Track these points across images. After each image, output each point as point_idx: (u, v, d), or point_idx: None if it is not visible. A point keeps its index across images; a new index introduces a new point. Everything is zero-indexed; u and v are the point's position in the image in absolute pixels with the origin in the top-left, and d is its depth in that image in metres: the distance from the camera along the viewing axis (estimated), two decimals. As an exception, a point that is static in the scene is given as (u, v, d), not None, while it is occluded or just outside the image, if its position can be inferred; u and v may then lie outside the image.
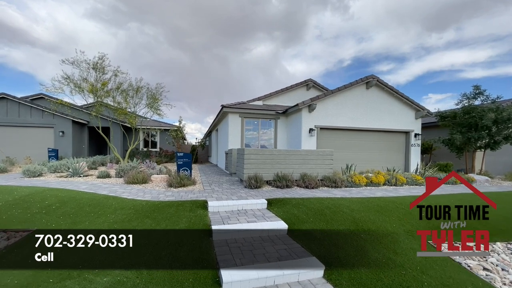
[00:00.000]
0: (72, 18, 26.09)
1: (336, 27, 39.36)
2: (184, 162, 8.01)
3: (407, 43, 46.75)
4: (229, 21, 35.38)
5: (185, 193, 6.05)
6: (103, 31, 31.87)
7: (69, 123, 15.09)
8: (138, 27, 34.26)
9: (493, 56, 41.71)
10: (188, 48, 56.01)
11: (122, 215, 4.25)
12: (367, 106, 11.12)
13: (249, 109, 11.15)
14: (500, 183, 9.94)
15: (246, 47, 52.95)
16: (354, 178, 7.68)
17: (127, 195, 5.71)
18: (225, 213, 4.73)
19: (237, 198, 5.56)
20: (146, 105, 12.73)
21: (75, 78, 10.80)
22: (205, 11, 30.30)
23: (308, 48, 56.55)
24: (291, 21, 33.07)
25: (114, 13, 25.68)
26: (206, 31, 41.83)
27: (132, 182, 7.25)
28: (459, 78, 51.70)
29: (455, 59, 46.84)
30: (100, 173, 8.44)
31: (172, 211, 4.47)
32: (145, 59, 49.80)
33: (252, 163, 7.30)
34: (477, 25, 32.25)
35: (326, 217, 4.40)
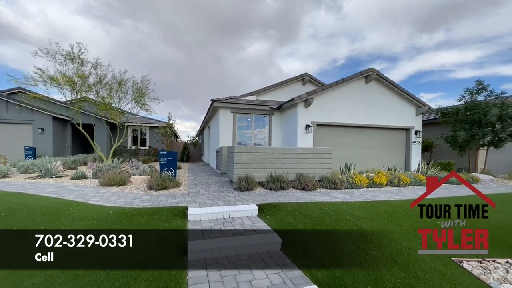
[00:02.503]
0: (63, 15, 24.89)
1: (330, 27, 39.01)
2: (168, 162, 7.23)
3: (399, 43, 47.03)
4: (224, 18, 34.52)
5: (165, 197, 5.29)
6: (96, 28, 30.65)
7: (49, 119, 14.08)
8: (132, 24, 33.10)
9: (481, 56, 42.36)
10: (183, 46, 54.80)
11: (79, 228, 3.48)
12: (366, 101, 10.48)
13: (242, 104, 10.39)
14: (505, 182, 9.44)
15: (241, 45, 52.07)
16: (355, 179, 7.03)
17: (96, 200, 4.93)
18: (208, 222, 4.00)
19: (224, 203, 4.83)
20: (132, 99, 11.87)
21: (50, 71, 9.89)
22: (200, 8, 29.38)
23: (302, 47, 56.25)
24: (285, 20, 32.51)
25: (107, 9, 24.56)
26: (201, 28, 40.80)
27: (108, 184, 6.45)
28: (449, 78, 52.44)
29: (445, 59, 47.45)
30: (75, 173, 7.59)
31: (143, 222, 3.72)
32: (139, 56, 48.47)
33: (243, 162, 6.57)
34: (465, 26, 32.64)
35: (327, 227, 3.72)
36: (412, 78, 59.48)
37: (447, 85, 56.83)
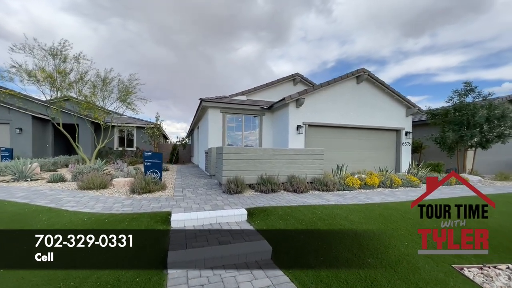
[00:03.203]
0: (48, 12, 23.81)
1: (320, 30, 39.41)
2: (153, 163, 6.86)
3: (386, 47, 48.22)
4: (215, 19, 34.14)
5: (148, 202, 4.94)
6: (83, 26, 29.56)
7: (28, 118, 13.32)
8: (120, 23, 32.15)
9: (465, 61, 44.00)
10: (173, 46, 53.98)
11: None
12: (357, 101, 10.41)
13: (231, 104, 10.09)
14: (493, 183, 9.54)
15: (233, 46, 51.81)
16: (347, 180, 6.86)
17: (71, 205, 4.52)
18: (193, 229, 3.69)
19: (211, 207, 4.53)
20: (118, 98, 11.35)
21: (29, 66, 9.31)
22: (190, 8, 28.92)
23: (293, 49, 56.69)
24: (276, 22, 32.57)
25: (94, 7, 23.68)
26: (192, 28, 40.26)
27: (87, 187, 6.02)
28: (434, 82, 54.19)
29: (430, 64, 49.02)
30: (52, 176, 7.09)
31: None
32: (129, 56, 47.24)
33: (232, 163, 6.28)
34: (450, 31, 33.81)
35: (321, 233, 3.49)
36: (400, 81, 61.07)
37: (432, 89, 58.67)
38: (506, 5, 21.90)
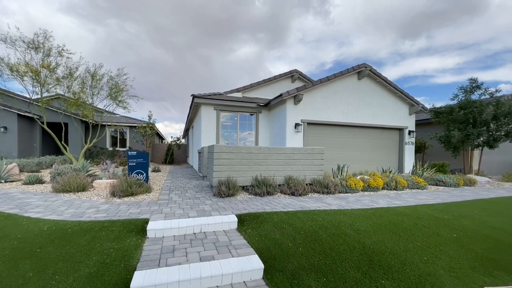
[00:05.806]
0: (45, 12, 23.22)
1: (318, 31, 39.15)
2: (138, 163, 6.29)
3: (384, 49, 48.15)
4: (214, 20, 33.74)
5: (127, 206, 4.37)
6: (80, 27, 29.02)
7: (13, 117, 12.69)
8: (118, 24, 31.59)
9: (461, 63, 43.97)
10: (171, 47, 53.52)
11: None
12: (358, 99, 9.90)
13: (226, 101, 9.54)
14: (502, 184, 9.04)
15: (231, 47, 51.43)
16: (349, 182, 6.32)
17: (37, 211, 3.95)
18: (173, 240, 3.13)
19: (196, 213, 3.97)
20: (108, 95, 10.76)
21: (11, 61, 8.71)
22: (189, 9, 28.50)
23: (291, 50, 56.50)
24: (274, 23, 32.25)
25: (92, 8, 23.17)
26: (190, 30, 39.85)
27: (64, 189, 5.44)
28: (431, 83, 54.23)
29: (427, 65, 49.01)
30: (28, 177, 6.51)
31: (83, 242, 2.81)
32: (126, 57, 46.67)
33: (224, 163, 5.73)
34: (446, 33, 33.68)
35: (323, 246, 2.94)
36: (397, 83, 60.99)
37: (429, 90, 58.62)
38: (501, 8, 21.68)
